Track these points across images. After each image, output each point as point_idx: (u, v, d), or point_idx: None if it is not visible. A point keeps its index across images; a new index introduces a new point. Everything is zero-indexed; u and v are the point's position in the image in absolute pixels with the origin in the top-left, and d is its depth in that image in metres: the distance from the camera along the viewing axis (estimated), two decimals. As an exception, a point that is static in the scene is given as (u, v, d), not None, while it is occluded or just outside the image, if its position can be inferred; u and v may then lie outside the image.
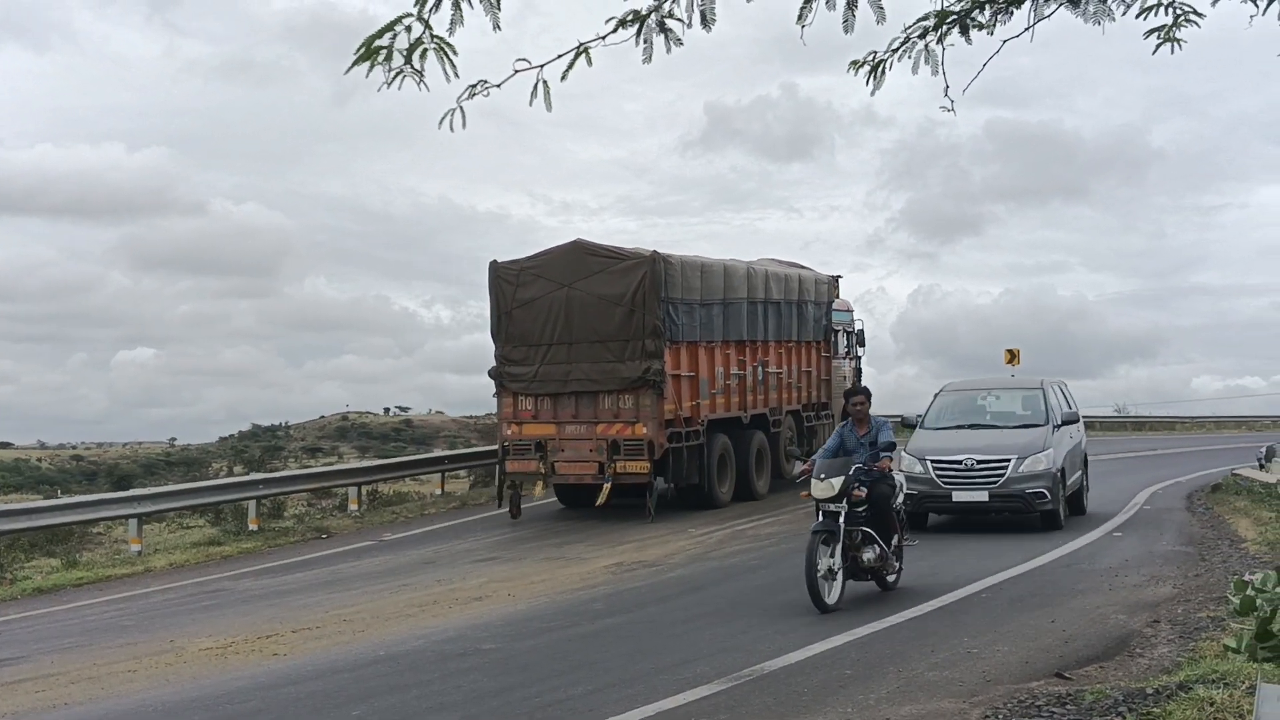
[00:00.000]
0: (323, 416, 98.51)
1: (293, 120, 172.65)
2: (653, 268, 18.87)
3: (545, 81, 4.95)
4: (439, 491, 24.19)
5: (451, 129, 4.83)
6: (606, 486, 19.03)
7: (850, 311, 26.80)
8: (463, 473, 27.56)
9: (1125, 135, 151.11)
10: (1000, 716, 7.48)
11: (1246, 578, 9.66)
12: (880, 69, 5.92)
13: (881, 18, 5.29)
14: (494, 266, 19.91)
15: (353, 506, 22.03)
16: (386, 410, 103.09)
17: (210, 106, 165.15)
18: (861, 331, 27.43)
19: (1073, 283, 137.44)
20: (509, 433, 19.86)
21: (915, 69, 5.84)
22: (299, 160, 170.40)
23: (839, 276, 26.21)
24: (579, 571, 14.51)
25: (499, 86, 4.91)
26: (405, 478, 26.16)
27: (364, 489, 22.95)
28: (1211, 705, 6.95)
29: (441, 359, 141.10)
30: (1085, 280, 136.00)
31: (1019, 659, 9.45)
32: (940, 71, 5.87)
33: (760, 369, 22.07)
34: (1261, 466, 27.29)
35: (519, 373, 19.62)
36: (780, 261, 25.05)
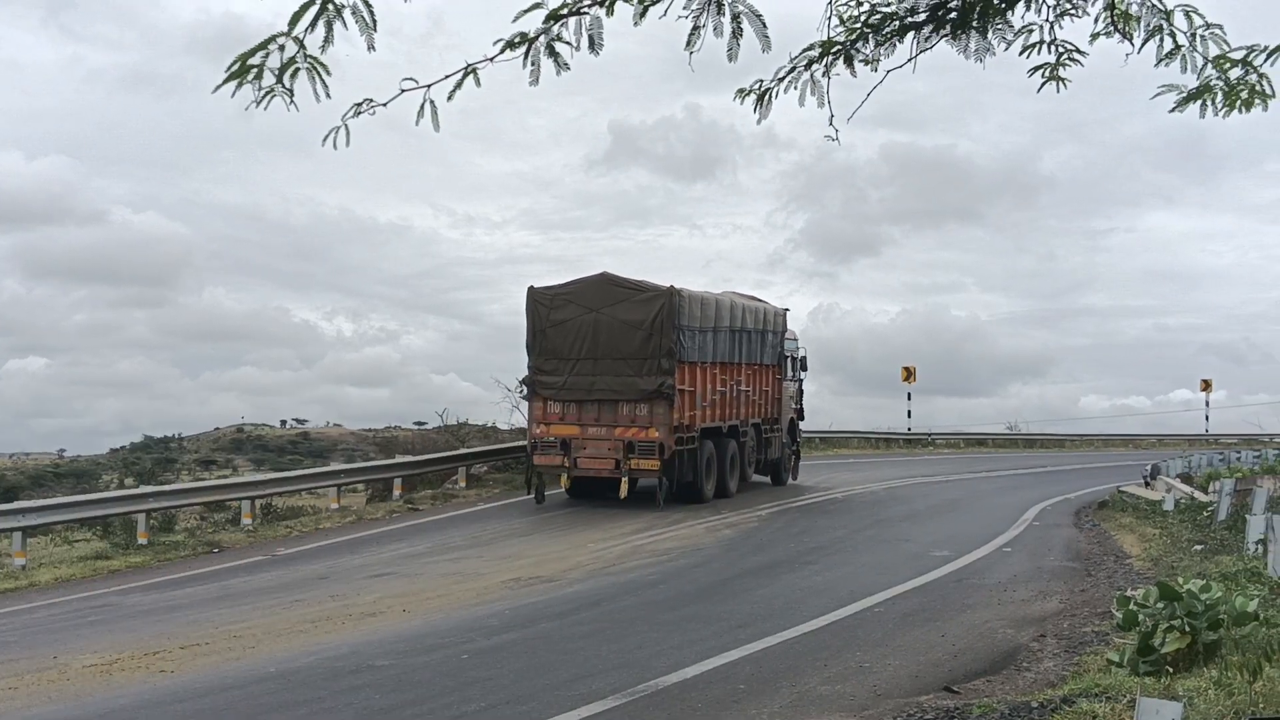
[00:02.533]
0: (217, 429, 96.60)
1: (193, 129, 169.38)
2: (670, 300, 22.36)
3: (433, 101, 4.94)
4: (335, 505, 23.87)
5: (335, 146, 4.83)
6: (625, 481, 22.33)
7: (796, 340, 29.63)
8: (359, 486, 27.27)
9: (1017, 160, 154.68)
10: (890, 730, 7.59)
11: (1129, 593, 9.92)
12: (766, 97, 6.01)
13: (767, 46, 5.34)
14: (532, 291, 23.17)
15: (246, 520, 21.64)
16: (283, 423, 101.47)
17: (110, 114, 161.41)
18: (805, 357, 30.44)
19: (967, 303, 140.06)
20: (538, 431, 23.02)
21: (802, 100, 5.93)
22: (198, 169, 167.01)
23: (787, 309, 28.95)
24: (475, 587, 14.42)
25: (385, 105, 4.90)
26: (301, 491, 25.80)
27: (258, 502, 22.57)
28: (1094, 719, 7.10)
29: (341, 371, 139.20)
30: (979, 300, 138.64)
31: (909, 673, 9.60)
32: (826, 102, 5.97)
33: (735, 387, 25.22)
34: (1147, 484, 28.03)
35: (550, 381, 22.84)
36: (742, 294, 27.58)
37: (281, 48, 4.45)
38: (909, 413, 50.42)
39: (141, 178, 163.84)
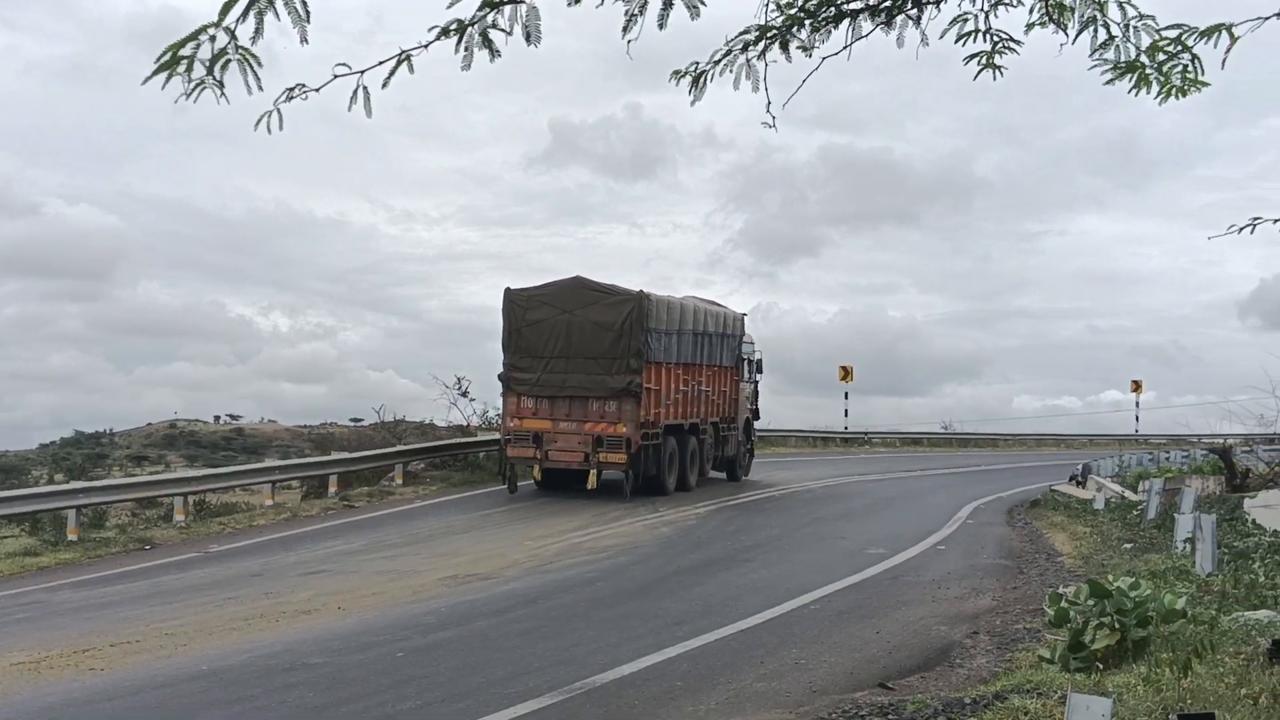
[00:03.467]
0: (150, 424, 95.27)
1: (128, 121, 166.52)
2: (640, 303, 23.47)
3: (366, 88, 4.88)
4: (269, 502, 23.62)
5: (270, 131, 4.76)
6: (593, 474, 23.47)
7: (753, 344, 30.55)
8: (294, 483, 27.01)
9: (953, 163, 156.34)
10: (825, 727, 7.63)
11: (1061, 591, 10.05)
12: (701, 80, 6.01)
13: (696, 15, 5.30)
14: (508, 292, 24.33)
15: (179, 517, 21.34)
16: (217, 418, 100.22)
17: (46, 106, 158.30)
18: (760, 360, 31.34)
19: (904, 303, 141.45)
20: (512, 425, 24.08)
21: (737, 83, 5.93)
22: (132, 161, 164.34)
23: (745, 314, 30.03)
24: (411, 585, 14.32)
25: (318, 91, 4.84)
26: (235, 488, 25.51)
27: (191, 499, 22.27)
28: (1025, 714, 7.19)
29: (277, 367, 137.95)
30: (915, 301, 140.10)
31: (844, 670, 9.67)
32: (763, 88, 5.98)
33: (697, 387, 26.33)
34: (1078, 483, 28.45)
35: (524, 378, 23.89)
36: (703, 299, 28.77)
37: (213, 39, 4.37)
38: (846, 412, 50.86)
39: (76, 170, 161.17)
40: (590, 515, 21.32)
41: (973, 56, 6.22)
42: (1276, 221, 6.77)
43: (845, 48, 6.02)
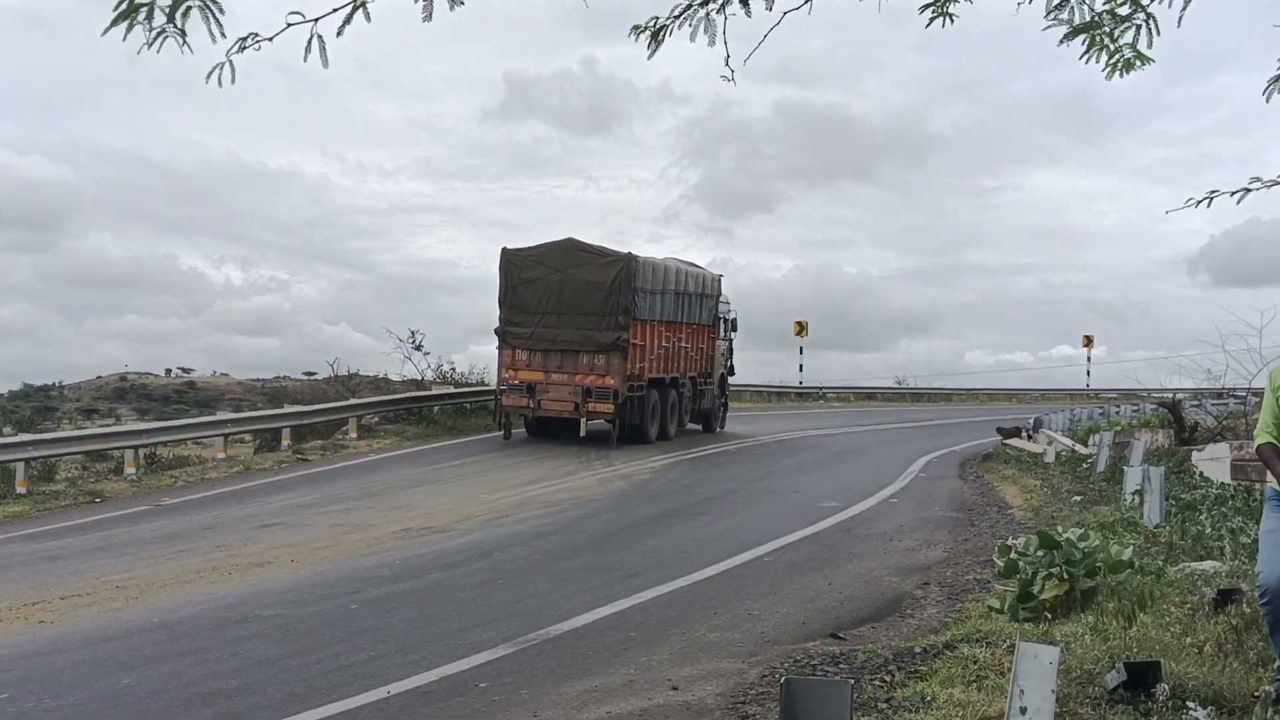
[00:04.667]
0: (100, 377, 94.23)
1: (78, 71, 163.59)
2: (628, 264, 25.03)
3: (320, 36, 4.80)
4: (221, 456, 23.46)
5: (220, 84, 4.67)
6: (584, 421, 25.02)
7: (729, 303, 31.86)
8: (247, 437, 26.83)
9: (908, 119, 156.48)
10: (777, 676, 7.68)
11: (1010, 542, 10.15)
12: (661, 35, 5.96)
13: None
14: (505, 252, 25.82)
15: (129, 470, 21.15)
16: (168, 371, 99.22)
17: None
18: (735, 319, 32.75)
19: (859, 258, 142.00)
20: (506, 376, 25.65)
21: (694, 36, 5.88)
22: (81, 111, 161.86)
23: (722, 275, 31.30)
24: (365, 538, 14.28)
25: (270, 40, 4.75)
26: (186, 441, 25.31)
27: (142, 452, 22.07)
28: (975, 663, 7.27)
29: (230, 320, 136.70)
30: (870, 256, 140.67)
31: (797, 620, 9.73)
32: (722, 41, 5.93)
33: (678, 343, 27.84)
34: (1029, 437, 28.74)
35: (519, 333, 25.38)
36: (684, 261, 30.13)
37: None
38: (801, 366, 51.02)
39: (24, 120, 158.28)
40: (545, 469, 21.33)
41: (927, 5, 6.20)
42: (1234, 195, 6.79)
43: (806, 1, 5.98)
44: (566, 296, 25.11)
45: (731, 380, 33.45)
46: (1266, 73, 6.46)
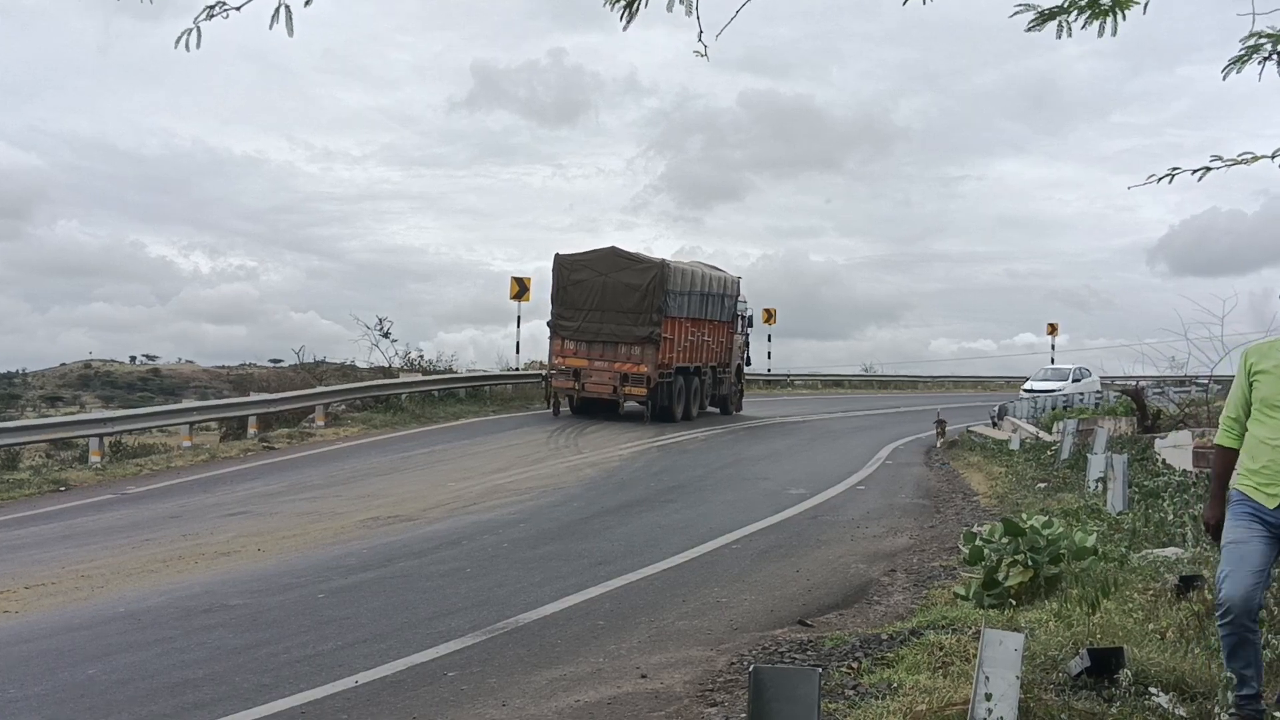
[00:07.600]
0: (64, 364, 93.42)
1: (42, 56, 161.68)
2: (662, 270, 29.11)
3: (288, 6, 4.78)
4: (187, 444, 23.31)
5: (188, 49, 4.65)
6: (622, 402, 29.56)
7: (746, 302, 35.77)
8: (213, 425, 26.68)
9: (875, 109, 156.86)
10: (745, 663, 7.71)
11: (976, 529, 10.25)
12: (635, 5, 5.92)
13: None
14: (558, 257, 29.89)
15: (94, 458, 21.01)
16: (133, 359, 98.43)
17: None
18: (751, 316, 37.37)
19: (826, 247, 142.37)
20: (556, 362, 29.72)
21: (670, 6, 5.83)
22: (46, 96, 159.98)
23: (740, 278, 35.01)
24: (332, 526, 14.23)
25: (239, 9, 4.73)
26: (151, 429, 25.15)
27: (106, 440, 21.91)
28: (941, 650, 7.32)
29: (198, 308, 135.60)
30: (837, 245, 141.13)
31: (765, 607, 9.78)
32: (695, 14, 5.89)
33: (701, 337, 31.63)
34: (994, 424, 28.95)
35: (567, 326, 29.43)
36: (708, 265, 34.10)
37: None
38: (769, 354, 51.11)
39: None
40: (513, 457, 21.32)
41: None
42: (1195, 173, 6.85)
43: None
44: (608, 296, 28.97)
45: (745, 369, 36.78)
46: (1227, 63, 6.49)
